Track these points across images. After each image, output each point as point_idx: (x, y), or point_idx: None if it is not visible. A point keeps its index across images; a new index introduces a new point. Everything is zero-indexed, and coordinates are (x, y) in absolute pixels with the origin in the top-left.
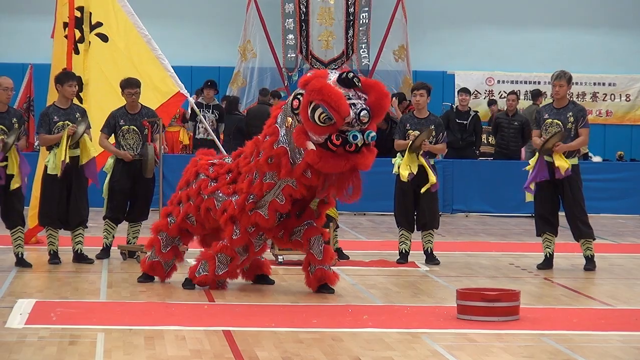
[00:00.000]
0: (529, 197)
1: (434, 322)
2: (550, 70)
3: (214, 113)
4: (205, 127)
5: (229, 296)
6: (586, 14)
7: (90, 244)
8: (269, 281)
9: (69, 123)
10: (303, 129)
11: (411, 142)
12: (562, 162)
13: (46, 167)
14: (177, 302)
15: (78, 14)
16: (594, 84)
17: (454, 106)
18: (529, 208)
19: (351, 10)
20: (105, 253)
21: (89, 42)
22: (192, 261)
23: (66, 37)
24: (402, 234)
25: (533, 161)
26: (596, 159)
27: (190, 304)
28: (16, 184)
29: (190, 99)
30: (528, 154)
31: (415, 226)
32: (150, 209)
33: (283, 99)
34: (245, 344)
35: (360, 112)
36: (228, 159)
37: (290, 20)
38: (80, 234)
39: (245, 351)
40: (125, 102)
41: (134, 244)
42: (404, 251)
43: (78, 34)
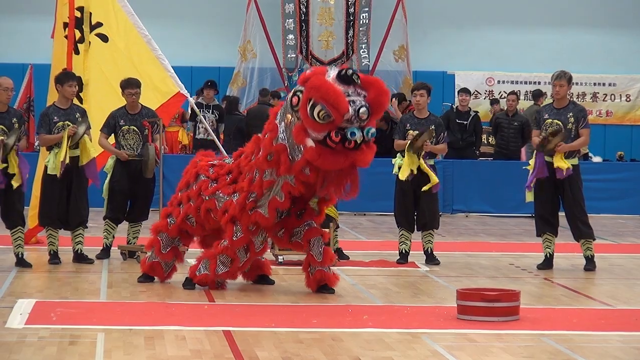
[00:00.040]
0: (529, 197)
1: (434, 322)
2: (551, 71)
3: (214, 113)
4: (206, 128)
5: (229, 296)
6: (586, 14)
7: (90, 244)
8: (269, 281)
9: (69, 123)
10: (302, 126)
11: (411, 143)
12: (561, 163)
13: (46, 168)
14: (177, 302)
15: (78, 14)
16: (594, 84)
17: (454, 106)
18: (528, 208)
19: (351, 10)
20: (105, 253)
21: (89, 42)
22: (192, 261)
23: (66, 37)
24: (402, 234)
25: (533, 161)
26: (596, 159)
27: (190, 304)
28: (17, 182)
29: (191, 99)
30: (529, 154)
31: (415, 226)
32: (151, 209)
33: (283, 99)
34: (246, 344)
35: (360, 109)
36: (228, 160)
37: (291, 20)
38: (80, 234)
39: (245, 351)
40: (125, 102)
41: (134, 244)
42: (404, 251)
43: (78, 34)
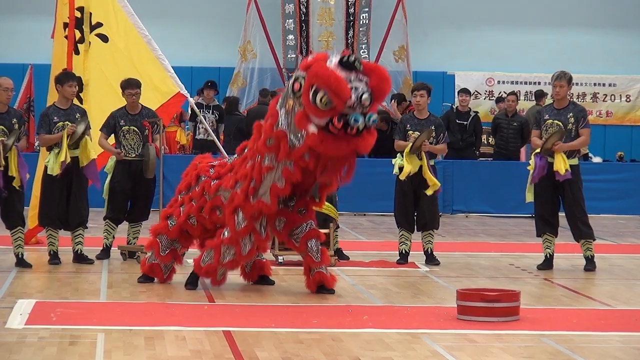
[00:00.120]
0: (529, 197)
1: (434, 322)
2: (551, 71)
3: (214, 113)
4: (206, 128)
5: (229, 297)
6: (586, 15)
7: (90, 244)
8: (269, 282)
9: (69, 123)
10: (305, 112)
11: (411, 144)
12: (560, 165)
13: (46, 168)
14: (177, 302)
15: (78, 14)
16: (594, 84)
17: (454, 107)
18: (528, 208)
19: (351, 10)
20: (105, 253)
21: (89, 42)
22: (191, 261)
23: (66, 37)
24: (402, 234)
25: (533, 161)
26: (596, 159)
27: (190, 304)
28: (16, 183)
29: (191, 100)
30: (530, 154)
31: (415, 227)
32: (151, 210)
33: None
34: (245, 344)
35: (362, 96)
36: (229, 160)
37: (291, 20)
38: (80, 234)
39: (246, 351)
40: (125, 102)
41: (134, 244)
42: (404, 252)
43: (78, 35)
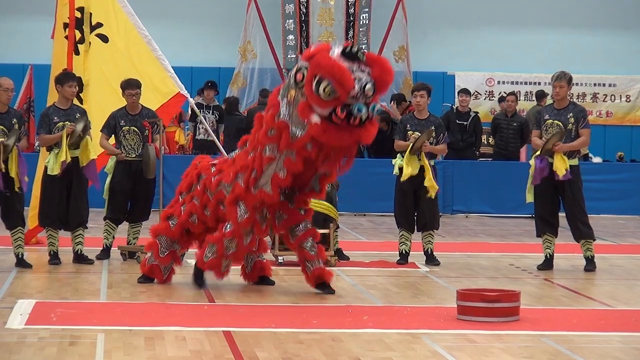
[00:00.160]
0: (529, 197)
1: (434, 322)
2: (551, 71)
3: (214, 114)
4: (206, 128)
5: (229, 297)
6: (586, 15)
7: (90, 244)
8: (269, 282)
9: (69, 124)
10: (307, 103)
11: (411, 145)
12: (560, 165)
13: (46, 168)
14: (177, 302)
15: (78, 14)
16: (594, 84)
17: (454, 107)
18: (528, 209)
19: (351, 11)
20: (105, 254)
21: (89, 42)
22: (191, 261)
23: (66, 37)
24: (402, 234)
25: (533, 161)
26: (596, 159)
27: (190, 304)
28: (16, 184)
29: (191, 100)
30: (531, 155)
31: (415, 227)
32: (151, 210)
33: None
34: (246, 344)
35: (365, 86)
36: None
37: (291, 21)
38: (80, 234)
39: (246, 352)
40: (125, 102)
41: (134, 244)
42: (404, 252)
43: (78, 35)
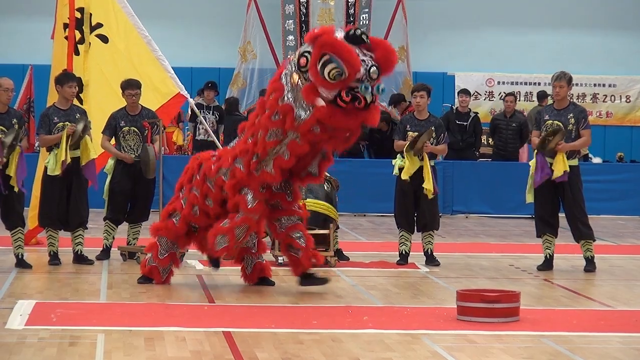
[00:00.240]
0: (529, 198)
1: (434, 323)
2: (551, 72)
3: (214, 114)
4: (206, 129)
5: (228, 297)
6: (586, 15)
7: (90, 245)
8: (269, 283)
9: (69, 124)
10: (312, 86)
11: (410, 144)
12: (559, 166)
13: (46, 168)
14: (177, 303)
15: (78, 15)
16: (594, 85)
17: (453, 107)
18: (528, 209)
19: (351, 11)
20: (105, 254)
21: (89, 43)
22: (191, 262)
23: (66, 38)
24: (402, 235)
25: (533, 162)
26: (596, 160)
27: (190, 305)
28: (13, 182)
29: (191, 100)
30: (532, 155)
31: (415, 227)
32: (151, 210)
33: None
34: (245, 345)
35: (370, 69)
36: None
37: (291, 21)
38: (80, 235)
39: (245, 352)
40: (125, 103)
41: (134, 245)
42: (404, 252)
43: (78, 35)
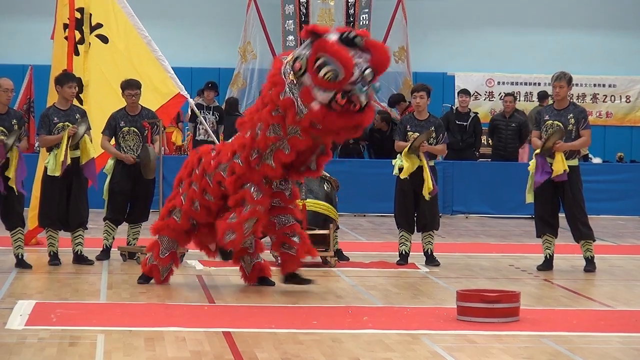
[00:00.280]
0: (529, 198)
1: (434, 323)
2: (551, 72)
3: (214, 114)
4: (206, 129)
5: (228, 297)
6: (586, 15)
7: (90, 245)
8: (269, 283)
9: (68, 124)
10: (309, 88)
11: (410, 144)
12: (558, 166)
13: (46, 169)
14: (177, 303)
15: (78, 15)
16: (594, 85)
17: (453, 108)
18: (528, 209)
19: (351, 11)
20: (105, 254)
21: (89, 43)
22: (191, 262)
23: (66, 38)
24: (402, 235)
25: (533, 162)
26: (596, 160)
27: (190, 305)
28: (12, 183)
29: (191, 101)
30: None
31: (415, 227)
32: (150, 210)
33: None
34: (245, 345)
35: (365, 71)
36: None
37: (291, 21)
38: (80, 235)
39: (245, 352)
40: (125, 103)
41: (134, 245)
42: (404, 252)
43: (78, 36)
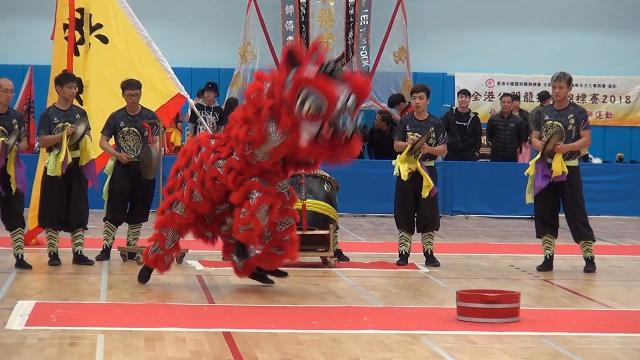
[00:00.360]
0: (529, 198)
1: (434, 323)
2: (551, 72)
3: (214, 115)
4: (206, 129)
5: (228, 298)
6: (586, 15)
7: (90, 245)
8: (267, 281)
9: (68, 124)
10: (296, 122)
11: (410, 146)
12: (558, 167)
13: (46, 169)
14: (177, 303)
15: (78, 15)
16: (594, 85)
17: (453, 108)
18: (528, 210)
19: (351, 12)
20: (105, 254)
21: (89, 43)
22: (191, 262)
23: (66, 38)
24: (402, 235)
25: (532, 163)
26: (596, 160)
27: (190, 305)
28: (12, 181)
29: (191, 101)
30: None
31: (415, 228)
32: (150, 211)
33: None
34: (245, 345)
35: (348, 98)
36: None
37: (290, 21)
38: (80, 235)
39: (245, 353)
40: (125, 103)
41: (134, 245)
42: (404, 253)
43: (78, 36)
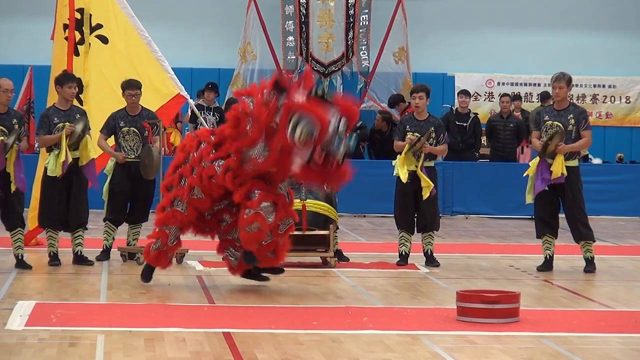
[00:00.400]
0: (529, 199)
1: (434, 324)
2: (550, 72)
3: (214, 115)
4: None
5: (228, 298)
6: (586, 16)
7: (90, 245)
8: (263, 278)
9: (68, 124)
10: (289, 148)
11: (410, 146)
12: (558, 168)
13: (46, 169)
14: (177, 304)
15: (78, 15)
16: (594, 85)
17: (453, 108)
18: (528, 210)
19: (351, 12)
20: (105, 255)
21: (89, 43)
22: (191, 262)
23: (66, 38)
24: (402, 235)
25: (533, 164)
26: (596, 161)
27: (190, 305)
28: (13, 186)
29: (191, 101)
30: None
31: (415, 228)
32: (150, 211)
33: None
34: (245, 345)
35: (340, 122)
36: None
37: (290, 22)
38: (80, 235)
39: (245, 353)
40: (125, 103)
41: (134, 245)
42: (403, 253)
43: (78, 36)
